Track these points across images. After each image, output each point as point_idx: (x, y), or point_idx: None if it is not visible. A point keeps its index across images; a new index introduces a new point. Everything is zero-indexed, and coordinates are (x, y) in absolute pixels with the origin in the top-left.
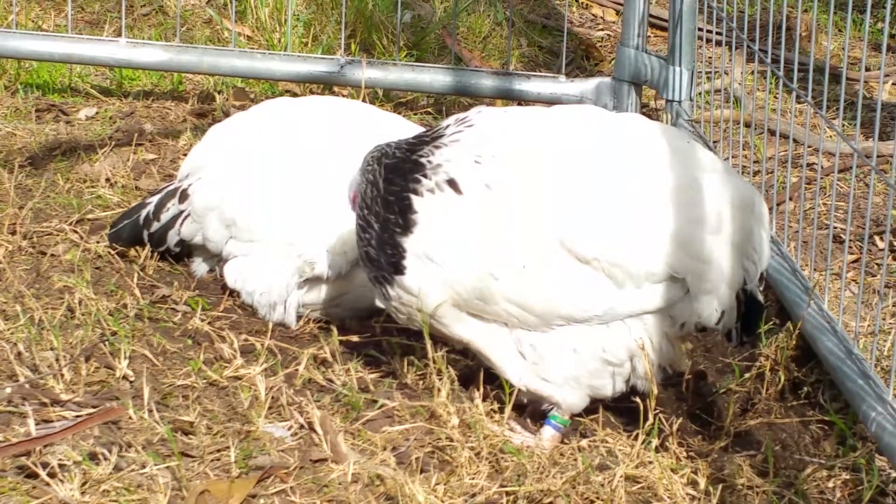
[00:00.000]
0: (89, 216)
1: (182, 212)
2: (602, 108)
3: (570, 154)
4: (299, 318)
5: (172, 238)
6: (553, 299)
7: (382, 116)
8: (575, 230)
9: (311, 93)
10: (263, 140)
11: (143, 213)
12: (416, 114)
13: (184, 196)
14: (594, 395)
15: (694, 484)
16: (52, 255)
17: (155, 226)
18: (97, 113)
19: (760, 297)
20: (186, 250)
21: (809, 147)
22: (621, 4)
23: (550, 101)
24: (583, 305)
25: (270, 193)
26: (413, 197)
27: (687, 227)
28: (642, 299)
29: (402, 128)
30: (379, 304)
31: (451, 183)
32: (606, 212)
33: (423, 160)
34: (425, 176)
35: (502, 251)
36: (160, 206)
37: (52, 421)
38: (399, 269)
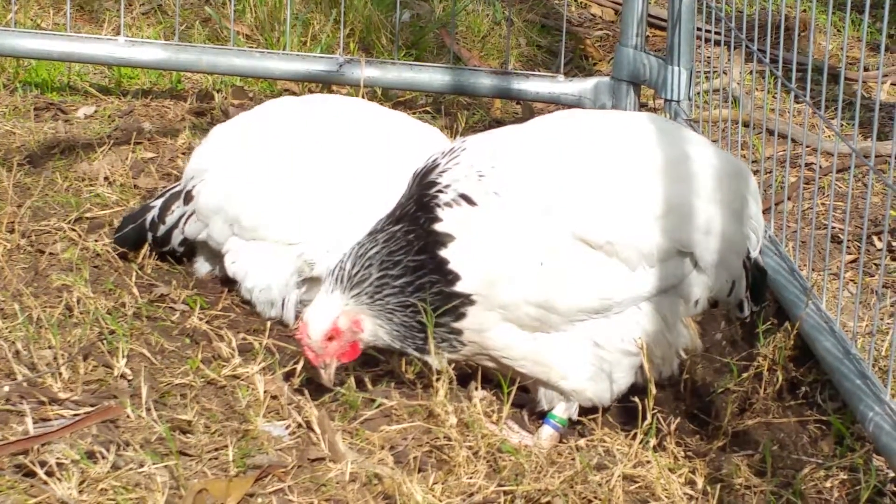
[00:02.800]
0: (88, 215)
1: (186, 212)
2: (580, 109)
3: (563, 149)
4: (297, 316)
5: (176, 238)
6: (572, 292)
7: (387, 114)
8: (583, 217)
9: (310, 92)
10: (267, 139)
11: (149, 216)
12: (414, 113)
13: (188, 198)
14: (614, 390)
15: (692, 483)
16: (51, 253)
17: (161, 229)
18: (96, 111)
19: (762, 264)
20: (189, 250)
21: (808, 147)
22: (620, 4)
23: (549, 101)
24: (602, 294)
25: (273, 192)
26: (438, 211)
27: (687, 198)
28: (656, 279)
29: (407, 124)
30: (441, 363)
31: (464, 197)
32: (609, 195)
33: (433, 187)
34: (442, 192)
35: (518, 252)
36: (165, 209)
37: (50, 419)
38: (455, 281)
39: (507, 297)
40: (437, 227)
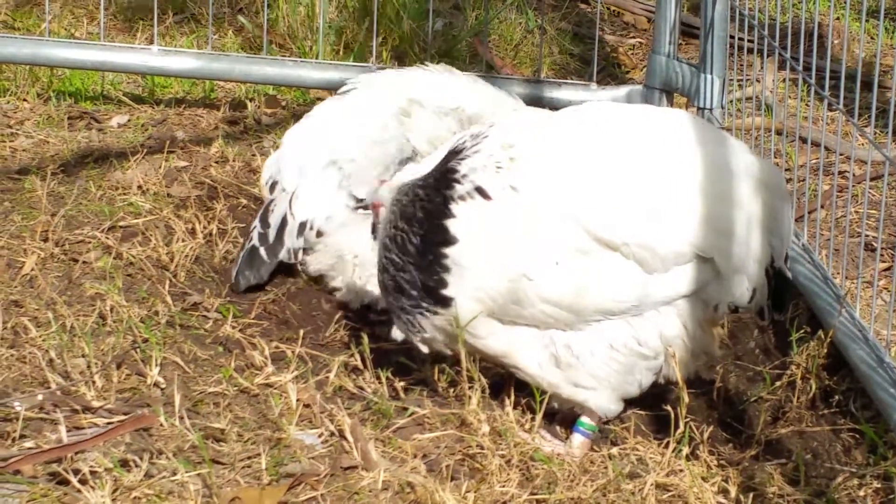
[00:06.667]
0: (121, 223)
1: (285, 201)
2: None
3: (587, 144)
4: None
5: (291, 231)
6: (588, 292)
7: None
8: (600, 217)
9: None
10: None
11: (253, 235)
12: None
13: (273, 186)
14: (626, 394)
15: (724, 492)
16: (84, 262)
17: (270, 234)
18: (129, 120)
19: (788, 273)
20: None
21: (841, 155)
22: (653, 12)
23: None
24: (618, 296)
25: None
26: (451, 205)
27: (711, 203)
28: (674, 283)
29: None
30: (401, 336)
31: (480, 190)
32: (629, 196)
33: (451, 174)
34: (458, 182)
35: (534, 249)
36: (265, 216)
37: (83, 428)
38: (441, 284)
39: (523, 294)
40: (447, 223)
